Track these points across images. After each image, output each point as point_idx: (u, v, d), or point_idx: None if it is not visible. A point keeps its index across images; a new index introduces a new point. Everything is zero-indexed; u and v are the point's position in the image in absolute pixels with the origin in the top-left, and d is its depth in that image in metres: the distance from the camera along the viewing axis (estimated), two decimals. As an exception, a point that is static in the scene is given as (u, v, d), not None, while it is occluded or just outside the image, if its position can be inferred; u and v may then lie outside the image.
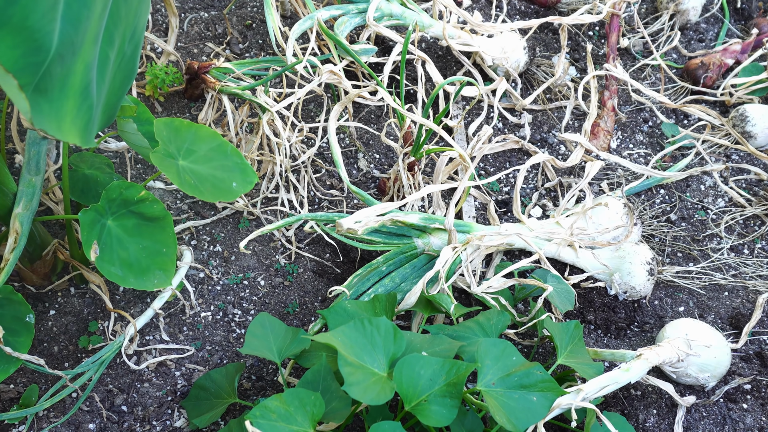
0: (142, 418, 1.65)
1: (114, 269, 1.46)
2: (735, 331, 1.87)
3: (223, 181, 1.57)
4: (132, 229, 1.51)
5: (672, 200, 2.15)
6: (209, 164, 1.59)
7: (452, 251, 1.72)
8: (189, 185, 1.51)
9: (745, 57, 2.42)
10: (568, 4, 2.56)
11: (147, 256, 1.51)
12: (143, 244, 1.52)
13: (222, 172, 1.59)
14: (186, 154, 1.56)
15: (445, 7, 2.23)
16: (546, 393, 1.36)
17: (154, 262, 1.52)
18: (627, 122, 2.33)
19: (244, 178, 1.61)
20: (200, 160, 1.57)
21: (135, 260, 1.50)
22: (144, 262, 1.50)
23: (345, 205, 2.05)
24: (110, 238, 1.48)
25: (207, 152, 1.60)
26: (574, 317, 1.87)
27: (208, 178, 1.56)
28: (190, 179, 1.52)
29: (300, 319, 1.84)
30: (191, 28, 2.39)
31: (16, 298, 1.46)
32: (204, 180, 1.54)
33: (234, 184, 1.58)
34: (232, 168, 1.61)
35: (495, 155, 2.21)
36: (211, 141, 1.62)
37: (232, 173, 1.60)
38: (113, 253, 1.47)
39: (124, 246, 1.49)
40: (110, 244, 1.47)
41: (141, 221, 1.53)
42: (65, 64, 1.06)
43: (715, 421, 1.70)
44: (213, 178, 1.57)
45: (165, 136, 1.55)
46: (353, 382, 1.25)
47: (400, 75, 1.84)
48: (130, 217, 1.51)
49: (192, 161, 1.56)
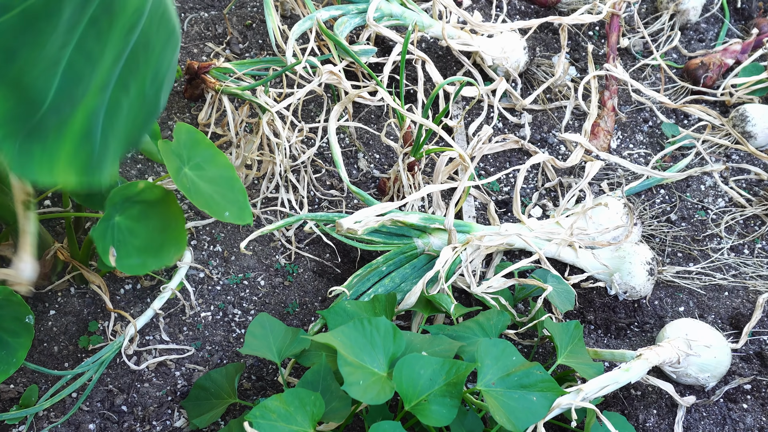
0: (142, 418, 1.65)
1: (132, 261, 1.48)
2: (735, 331, 1.87)
3: (217, 205, 1.56)
4: (138, 215, 1.52)
5: (672, 200, 2.15)
6: (212, 186, 1.58)
7: (452, 251, 1.72)
8: (183, 186, 1.50)
9: (745, 57, 2.42)
10: (568, 4, 2.56)
11: (159, 234, 1.54)
12: (152, 225, 1.54)
13: (220, 199, 1.58)
14: (194, 167, 1.56)
15: (445, 7, 2.23)
16: (546, 393, 1.36)
17: (166, 236, 1.55)
18: (627, 122, 2.33)
19: (239, 214, 1.59)
20: (205, 178, 1.57)
21: (149, 241, 1.52)
22: (157, 240, 1.53)
23: (345, 205, 2.05)
24: (122, 233, 1.49)
25: (215, 176, 1.59)
26: (574, 317, 1.87)
27: (204, 195, 1.55)
28: (186, 182, 1.52)
29: (300, 319, 1.84)
30: (191, 28, 2.39)
31: (15, 299, 1.46)
32: (199, 193, 1.54)
33: (226, 213, 1.57)
34: (232, 201, 1.59)
35: (495, 155, 2.21)
36: (223, 170, 1.61)
37: (229, 205, 1.58)
38: (128, 246, 1.49)
39: (135, 233, 1.51)
40: (123, 239, 1.49)
41: (145, 206, 1.54)
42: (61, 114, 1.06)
43: (715, 421, 1.70)
44: (209, 198, 1.55)
45: (183, 140, 1.55)
46: (353, 381, 1.26)
47: (399, 75, 1.84)
48: (134, 207, 1.52)
49: (197, 175, 1.56)
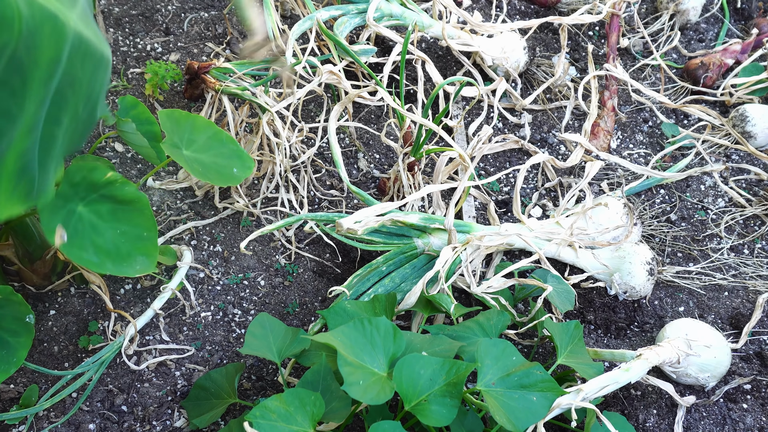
0: (142, 418, 1.65)
1: (87, 255, 1.42)
2: (735, 331, 1.87)
3: (224, 167, 1.67)
4: (107, 214, 1.47)
5: (672, 200, 2.15)
6: (209, 152, 1.67)
7: (452, 251, 1.72)
8: (198, 172, 1.59)
9: (745, 57, 2.42)
10: (568, 4, 2.56)
11: (127, 242, 1.48)
12: (121, 230, 1.47)
13: (222, 159, 1.68)
14: (188, 144, 1.64)
15: (445, 7, 2.22)
16: (546, 393, 1.36)
17: (135, 247, 1.48)
18: (627, 122, 2.33)
19: (243, 163, 1.69)
20: (201, 149, 1.66)
21: (113, 246, 1.45)
22: (124, 248, 1.47)
23: (345, 205, 2.05)
24: (82, 225, 1.43)
25: (205, 141, 1.68)
26: (574, 317, 1.87)
27: (212, 166, 1.64)
28: (197, 167, 1.60)
29: (300, 319, 1.84)
30: (191, 28, 2.39)
31: (15, 299, 1.46)
32: (208, 168, 1.63)
33: (234, 170, 1.68)
34: (230, 155, 1.70)
35: (495, 155, 2.20)
36: (207, 130, 1.69)
37: (231, 160, 1.69)
38: (85, 240, 1.42)
39: (99, 232, 1.45)
40: (82, 231, 1.42)
41: (115, 205, 1.48)
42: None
43: (715, 421, 1.70)
44: (215, 165, 1.65)
45: (168, 127, 1.61)
46: (353, 381, 1.26)
47: (399, 75, 1.84)
48: (104, 203, 1.47)
49: (194, 150, 1.64)
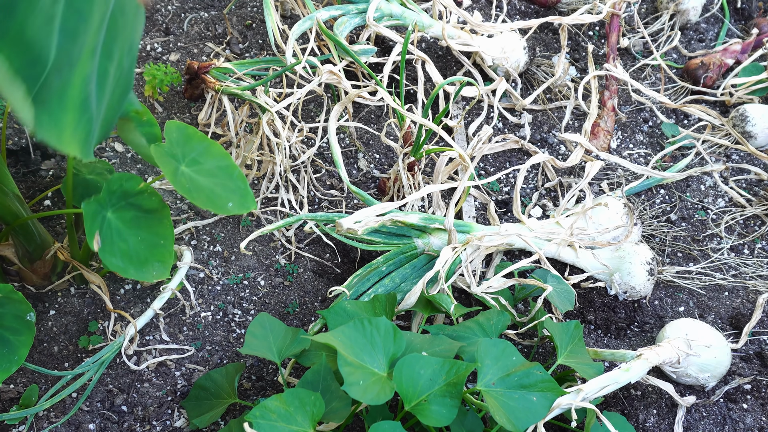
0: (142, 418, 1.65)
1: (115, 260, 1.48)
2: (735, 331, 1.87)
3: (220, 197, 1.56)
4: (130, 221, 1.53)
5: (672, 200, 2.15)
6: (211, 179, 1.57)
7: (452, 251, 1.72)
8: (182, 187, 1.50)
9: (745, 57, 2.42)
10: (568, 4, 2.56)
11: (146, 248, 1.53)
12: (141, 236, 1.53)
13: (222, 191, 1.57)
14: (190, 163, 1.55)
15: (445, 7, 2.22)
16: (546, 393, 1.36)
17: (152, 254, 1.54)
18: (627, 122, 2.33)
19: (242, 202, 1.59)
20: (203, 172, 1.56)
21: (134, 252, 1.52)
22: (143, 254, 1.52)
23: (345, 205, 2.05)
24: (110, 231, 1.49)
25: (213, 168, 1.58)
26: (574, 317, 1.87)
27: (205, 190, 1.54)
28: (185, 182, 1.51)
29: (300, 319, 1.84)
30: (191, 28, 2.39)
31: (16, 297, 1.46)
32: (200, 189, 1.53)
33: (230, 204, 1.56)
34: (233, 190, 1.59)
35: (495, 155, 2.20)
36: (220, 159, 1.60)
37: (231, 194, 1.58)
38: (114, 245, 1.49)
39: (124, 238, 1.51)
40: (110, 236, 1.49)
41: (139, 213, 1.54)
42: (62, 76, 1.06)
43: (715, 421, 1.70)
44: (210, 192, 1.55)
45: (174, 138, 1.54)
46: (353, 381, 1.26)
47: (399, 75, 1.84)
48: (129, 210, 1.53)
49: (195, 171, 1.55)
